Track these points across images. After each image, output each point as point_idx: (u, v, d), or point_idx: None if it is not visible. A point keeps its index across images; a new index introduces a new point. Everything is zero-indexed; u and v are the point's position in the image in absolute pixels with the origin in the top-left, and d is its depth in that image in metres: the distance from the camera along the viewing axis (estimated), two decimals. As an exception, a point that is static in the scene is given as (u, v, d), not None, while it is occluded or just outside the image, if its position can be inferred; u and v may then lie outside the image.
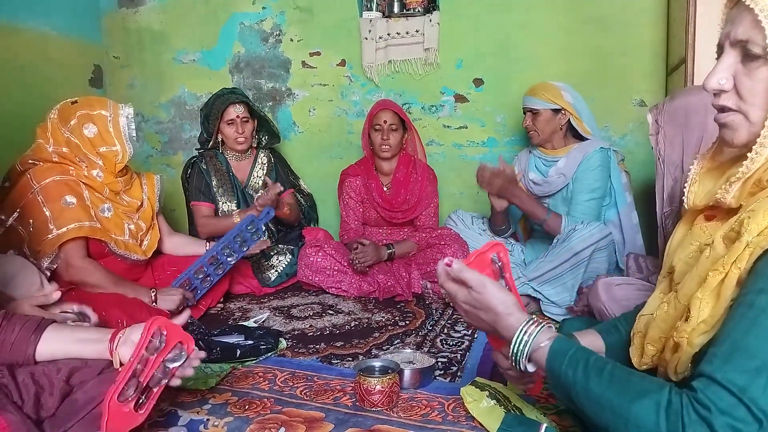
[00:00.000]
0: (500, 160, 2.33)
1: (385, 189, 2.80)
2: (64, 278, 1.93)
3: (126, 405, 1.09)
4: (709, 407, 0.73)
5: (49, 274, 1.89)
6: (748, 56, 0.83)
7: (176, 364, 1.16)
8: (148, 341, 1.12)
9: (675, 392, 0.78)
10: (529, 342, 0.95)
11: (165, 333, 1.15)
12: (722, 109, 0.88)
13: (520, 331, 0.97)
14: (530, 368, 0.97)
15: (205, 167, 2.76)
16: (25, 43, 2.97)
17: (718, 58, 0.92)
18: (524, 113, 2.48)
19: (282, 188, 2.57)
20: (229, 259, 2.34)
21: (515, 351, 0.97)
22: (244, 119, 2.74)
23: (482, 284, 1.00)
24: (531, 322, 0.97)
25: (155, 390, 1.14)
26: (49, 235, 1.90)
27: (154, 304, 1.96)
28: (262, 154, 2.90)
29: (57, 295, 1.44)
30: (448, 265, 1.03)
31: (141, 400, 1.12)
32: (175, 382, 1.19)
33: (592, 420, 0.86)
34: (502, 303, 0.99)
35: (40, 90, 2.96)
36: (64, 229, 1.91)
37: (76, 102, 2.06)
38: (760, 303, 0.75)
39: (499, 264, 1.08)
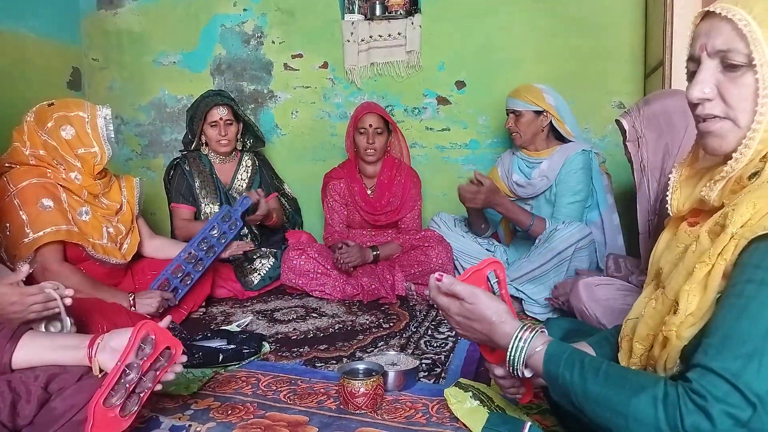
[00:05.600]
0: (476, 174, 2.34)
1: (369, 192, 2.80)
2: (41, 283, 1.90)
3: (111, 410, 1.07)
4: (705, 396, 0.74)
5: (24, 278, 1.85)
6: (729, 66, 0.86)
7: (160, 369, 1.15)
8: (137, 346, 1.10)
9: (670, 385, 0.79)
10: (525, 348, 0.96)
11: (154, 338, 1.13)
12: (706, 118, 0.90)
13: (516, 338, 0.98)
14: (527, 374, 0.98)
15: (188, 168, 2.74)
16: (2, 45, 2.91)
17: (689, 72, 0.94)
18: (507, 114, 2.50)
19: (260, 195, 2.55)
20: (207, 254, 2.30)
21: (512, 357, 0.98)
22: (228, 122, 2.72)
23: (474, 295, 1.01)
24: (525, 328, 0.98)
25: (142, 395, 1.12)
26: (26, 239, 1.87)
27: (132, 308, 1.94)
28: (246, 158, 2.88)
29: (26, 268, 1.42)
30: (438, 280, 1.04)
31: (127, 406, 1.10)
32: (156, 386, 1.17)
33: (593, 419, 0.87)
34: (495, 312, 1.00)
35: (17, 92, 2.90)
36: (41, 233, 1.88)
37: (52, 104, 2.03)
38: (749, 292, 0.77)
39: (495, 281, 1.09)
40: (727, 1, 0.87)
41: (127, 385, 1.09)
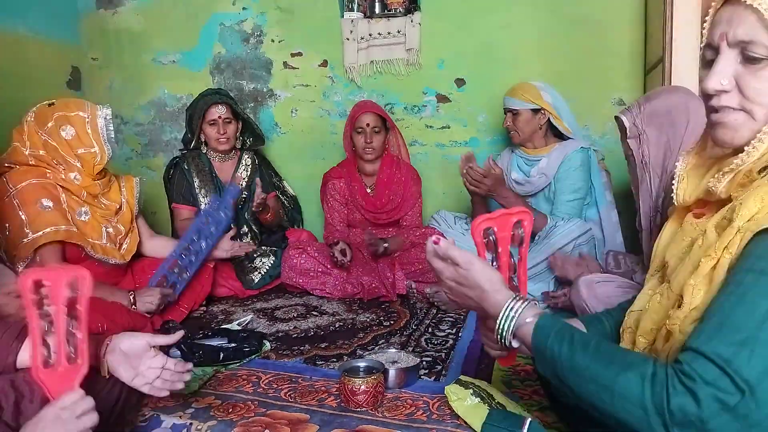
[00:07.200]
0: (490, 160, 2.33)
1: (368, 190, 2.80)
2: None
3: (56, 366, 0.99)
4: (695, 378, 0.74)
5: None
6: (750, 58, 0.82)
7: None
8: (34, 300, 1.00)
9: (660, 364, 0.79)
10: (515, 317, 0.95)
11: (48, 283, 1.01)
12: (720, 109, 0.87)
13: (507, 308, 0.96)
14: (515, 344, 0.97)
15: (187, 167, 2.74)
16: (1, 45, 2.91)
17: (705, 59, 0.91)
18: (505, 113, 2.50)
19: (264, 195, 2.55)
20: (202, 244, 2.29)
21: (501, 327, 0.97)
22: (227, 120, 2.72)
23: (469, 262, 0.99)
24: (517, 298, 0.97)
25: (78, 335, 1.03)
26: (25, 239, 1.87)
27: (133, 306, 1.94)
28: (245, 156, 2.89)
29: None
30: (436, 243, 1.02)
31: (71, 352, 1.01)
32: (163, 393, 1.17)
33: (578, 394, 0.86)
34: (488, 280, 0.99)
35: (16, 92, 2.90)
36: (40, 233, 1.88)
37: (53, 104, 2.03)
38: (748, 281, 0.77)
39: (521, 231, 1.07)
40: None
41: (54, 338, 1.01)
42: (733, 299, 0.78)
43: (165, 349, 1.31)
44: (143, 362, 1.15)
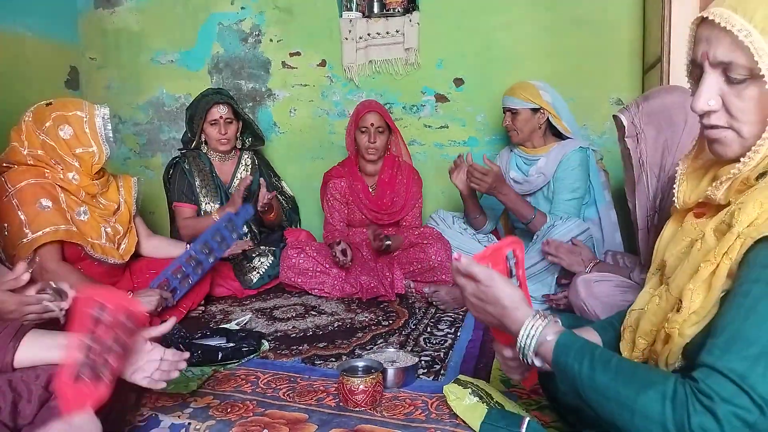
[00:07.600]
0: (485, 160, 2.34)
1: (370, 190, 2.80)
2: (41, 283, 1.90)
3: (82, 384, 1.02)
4: (712, 396, 0.74)
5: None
6: (732, 78, 0.84)
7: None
8: (91, 318, 1.05)
9: (680, 383, 0.78)
10: (536, 336, 0.95)
11: (106, 305, 1.07)
12: (711, 127, 0.89)
13: (528, 326, 0.96)
14: (537, 362, 0.97)
15: (188, 167, 2.74)
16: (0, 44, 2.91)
17: (693, 76, 0.92)
18: (504, 113, 2.50)
19: (250, 180, 2.58)
20: (208, 258, 2.31)
21: (522, 345, 0.97)
22: (228, 120, 2.72)
23: (490, 278, 0.99)
24: (538, 316, 0.97)
25: (113, 363, 1.06)
26: (24, 239, 1.87)
27: (132, 306, 1.94)
28: (245, 156, 2.89)
29: (26, 276, 1.35)
30: (457, 260, 1.02)
31: (102, 375, 1.04)
32: (160, 385, 1.17)
33: (598, 412, 0.86)
34: (509, 297, 0.98)
35: (14, 92, 2.90)
36: (40, 233, 1.88)
37: (50, 104, 2.03)
38: (756, 292, 0.76)
39: (514, 261, 1.08)
40: (725, 5, 0.83)
41: (92, 357, 1.04)
42: (742, 312, 0.77)
43: (164, 342, 1.31)
44: (141, 356, 1.15)
